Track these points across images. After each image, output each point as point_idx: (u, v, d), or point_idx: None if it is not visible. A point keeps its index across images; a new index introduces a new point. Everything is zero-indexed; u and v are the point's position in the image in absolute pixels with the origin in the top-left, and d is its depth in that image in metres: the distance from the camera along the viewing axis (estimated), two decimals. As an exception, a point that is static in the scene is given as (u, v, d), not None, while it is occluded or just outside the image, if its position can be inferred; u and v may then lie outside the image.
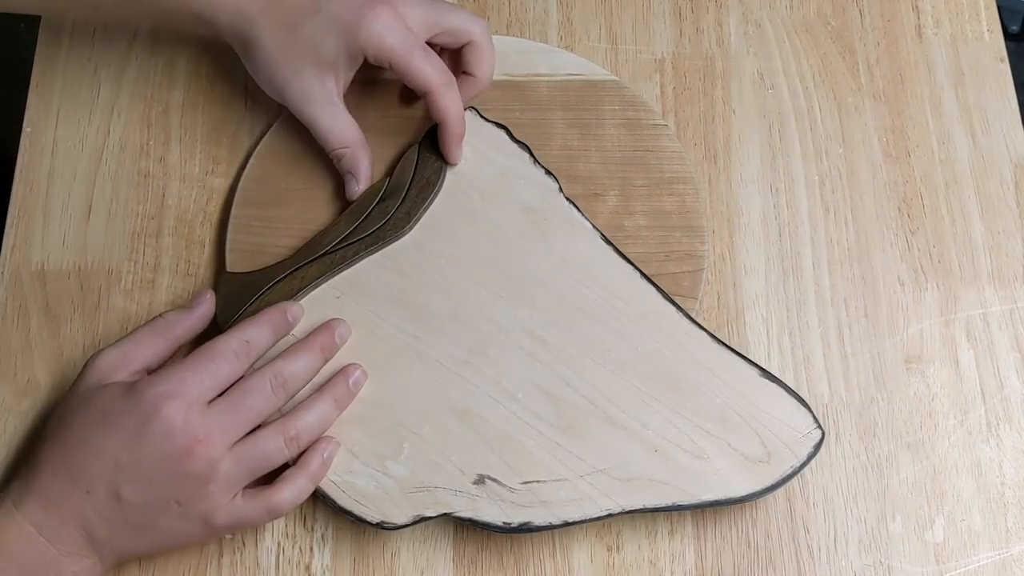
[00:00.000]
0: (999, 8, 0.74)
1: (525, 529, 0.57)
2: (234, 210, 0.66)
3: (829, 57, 0.72)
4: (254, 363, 0.57)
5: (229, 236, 0.65)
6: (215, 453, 0.53)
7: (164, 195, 0.68)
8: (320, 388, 0.58)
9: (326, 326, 0.59)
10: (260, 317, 0.58)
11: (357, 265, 0.62)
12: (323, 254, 0.62)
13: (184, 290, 0.65)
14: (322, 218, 0.65)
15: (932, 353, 0.64)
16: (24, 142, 0.70)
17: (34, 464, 0.55)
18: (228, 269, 0.64)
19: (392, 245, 0.63)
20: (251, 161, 0.67)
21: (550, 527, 0.57)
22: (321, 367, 0.58)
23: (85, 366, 0.57)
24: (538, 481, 0.57)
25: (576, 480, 0.57)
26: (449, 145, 0.64)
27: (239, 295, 0.61)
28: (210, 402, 0.54)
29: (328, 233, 0.63)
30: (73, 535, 0.54)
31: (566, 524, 0.57)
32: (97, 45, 0.72)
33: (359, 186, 0.64)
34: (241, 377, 0.56)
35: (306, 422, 0.56)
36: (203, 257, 0.66)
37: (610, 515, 0.57)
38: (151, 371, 0.57)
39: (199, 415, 0.54)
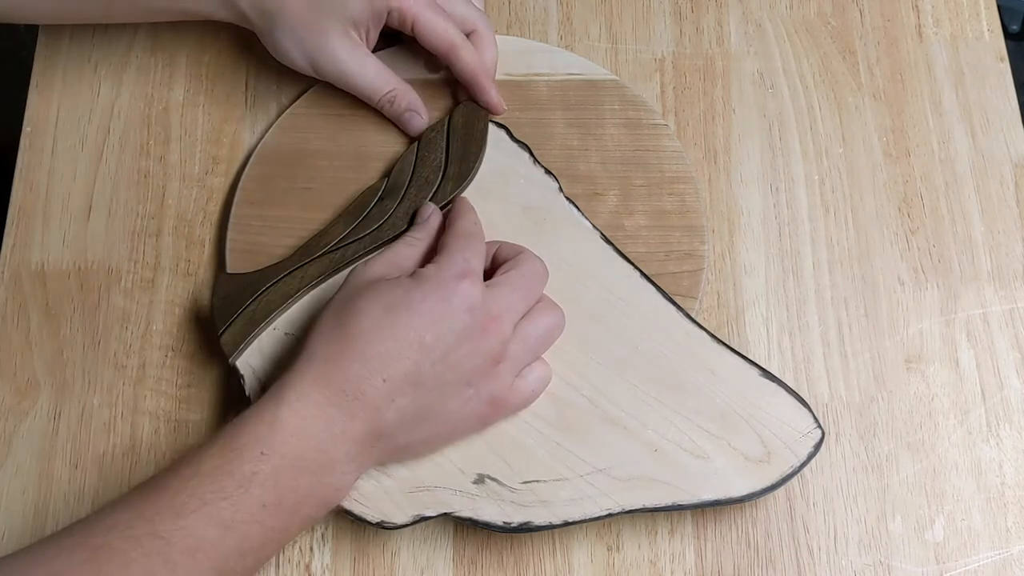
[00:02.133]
0: (999, 7, 0.74)
1: (525, 529, 0.57)
2: (234, 210, 0.66)
3: (829, 57, 0.72)
4: None
5: (229, 236, 0.65)
6: (506, 330, 0.55)
7: (164, 195, 0.68)
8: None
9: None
10: (460, 209, 0.61)
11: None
12: (322, 254, 0.62)
13: (184, 289, 0.65)
14: (322, 218, 0.65)
15: (932, 353, 0.64)
16: (24, 142, 0.70)
17: (317, 357, 0.53)
18: (228, 268, 0.64)
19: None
20: (251, 161, 0.67)
21: (550, 527, 0.57)
22: None
23: (352, 276, 0.57)
24: (538, 481, 0.57)
25: (576, 480, 0.57)
26: (488, 93, 0.66)
27: (238, 295, 0.61)
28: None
29: (327, 233, 0.63)
30: (359, 428, 0.52)
31: (566, 524, 0.57)
32: (97, 45, 0.72)
33: (423, 118, 0.66)
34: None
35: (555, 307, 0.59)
36: (203, 257, 0.66)
37: (610, 515, 0.57)
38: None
39: (490, 293, 0.55)
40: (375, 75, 0.65)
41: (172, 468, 0.51)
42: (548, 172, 0.65)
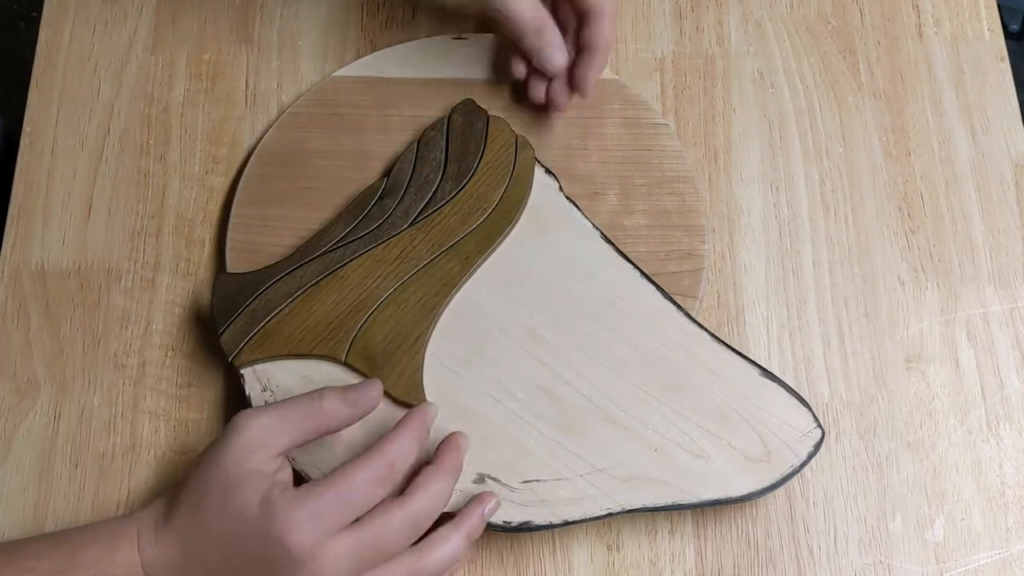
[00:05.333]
0: (999, 7, 0.74)
1: (525, 528, 0.57)
2: (234, 209, 0.66)
3: (829, 56, 0.72)
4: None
5: (229, 235, 0.65)
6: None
7: (164, 194, 0.68)
8: (454, 520, 0.55)
9: (447, 442, 0.56)
10: (403, 431, 0.54)
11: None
12: (322, 253, 0.62)
13: (184, 289, 0.65)
14: (322, 217, 0.65)
15: (932, 352, 0.64)
16: (24, 141, 0.70)
17: (169, 510, 0.53)
18: (228, 268, 0.64)
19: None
20: (251, 160, 0.67)
21: (550, 526, 0.57)
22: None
23: (232, 426, 0.53)
24: (538, 480, 0.57)
25: (576, 479, 0.57)
26: (598, 71, 0.63)
27: (238, 295, 0.61)
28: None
29: (327, 232, 0.63)
30: None
31: (566, 523, 0.57)
32: (97, 44, 0.72)
33: (563, 56, 0.63)
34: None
35: (438, 557, 0.53)
36: (203, 256, 0.66)
37: (610, 514, 0.57)
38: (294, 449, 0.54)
39: (327, 542, 0.50)
40: (523, 8, 0.62)
41: (20, 545, 0.52)
42: (548, 171, 0.65)
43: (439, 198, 0.63)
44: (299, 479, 0.58)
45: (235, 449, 0.52)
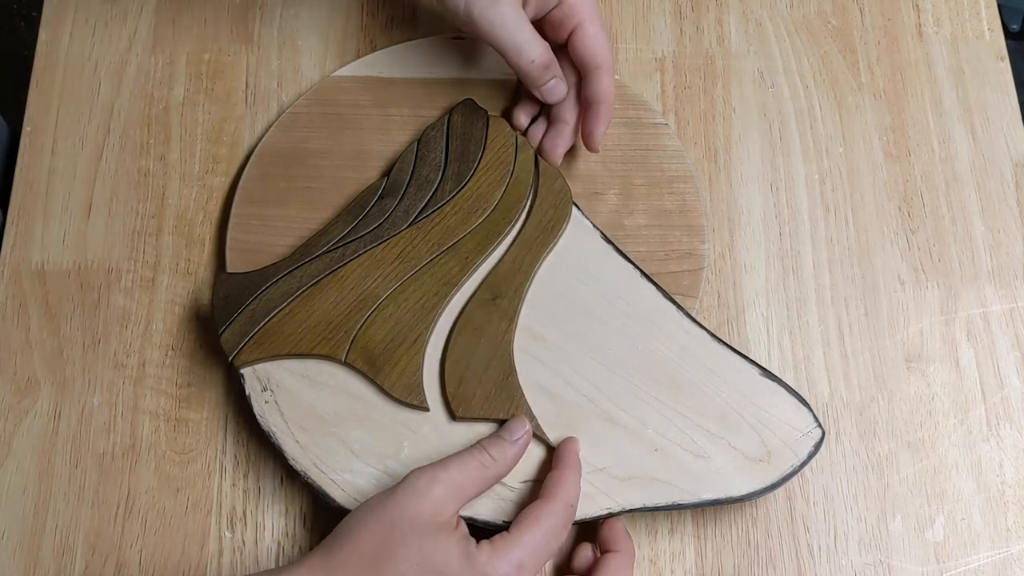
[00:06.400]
0: (999, 7, 0.74)
1: (525, 528, 0.57)
2: (234, 209, 0.66)
3: (829, 56, 0.72)
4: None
5: (229, 235, 0.65)
6: None
7: (164, 194, 0.68)
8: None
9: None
10: (568, 471, 0.56)
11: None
12: (322, 253, 0.62)
13: (184, 289, 0.65)
14: (322, 217, 0.65)
15: (932, 352, 0.64)
16: (24, 141, 0.70)
17: (336, 558, 0.52)
18: (228, 268, 0.64)
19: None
20: (251, 160, 0.67)
21: (550, 526, 0.57)
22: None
23: (412, 487, 0.53)
24: (538, 480, 0.57)
25: (576, 479, 0.57)
26: (605, 124, 0.64)
27: (238, 294, 0.61)
28: None
29: (327, 232, 0.63)
30: None
31: (566, 523, 0.57)
32: (97, 43, 0.72)
33: (565, 87, 0.64)
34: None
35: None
36: (203, 256, 0.66)
37: (610, 514, 0.57)
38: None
39: None
40: (531, 36, 0.62)
41: None
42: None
43: (439, 198, 0.63)
44: (299, 480, 0.58)
45: (423, 509, 0.52)
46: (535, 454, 0.58)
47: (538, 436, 0.58)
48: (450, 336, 0.60)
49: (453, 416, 0.58)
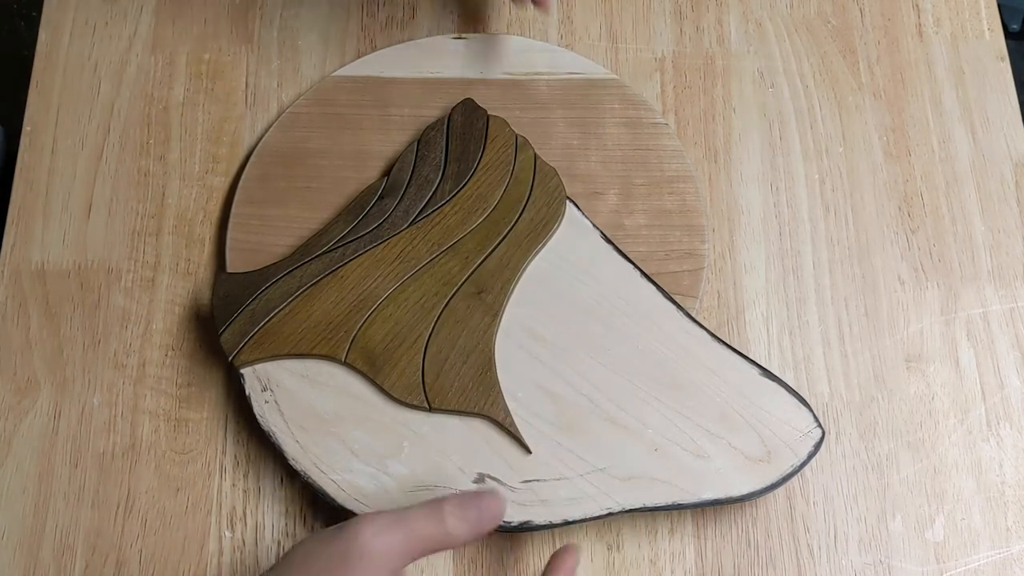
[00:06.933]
0: (999, 6, 0.74)
1: (525, 528, 0.57)
2: (234, 209, 0.66)
3: (829, 56, 0.72)
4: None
5: (229, 235, 0.65)
6: None
7: (164, 194, 0.68)
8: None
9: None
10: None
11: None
12: (322, 253, 0.62)
13: (184, 289, 0.65)
14: (322, 217, 0.65)
15: (932, 352, 0.64)
16: (24, 141, 0.70)
17: None
18: (228, 268, 0.64)
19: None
20: (251, 160, 0.67)
21: (550, 526, 0.57)
22: None
23: (353, 541, 0.48)
24: (538, 480, 0.57)
25: (576, 479, 0.57)
26: None
27: (238, 294, 0.61)
28: None
29: (327, 232, 0.63)
30: None
31: (566, 523, 0.57)
32: (97, 43, 0.72)
33: None
34: None
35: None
36: (203, 256, 0.66)
37: (610, 514, 0.57)
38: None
39: None
40: None
41: None
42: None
43: (439, 198, 0.63)
44: (299, 480, 0.58)
45: (360, 567, 0.48)
46: (534, 454, 0.58)
47: (514, 436, 0.58)
48: (434, 328, 0.60)
49: (430, 407, 0.58)
